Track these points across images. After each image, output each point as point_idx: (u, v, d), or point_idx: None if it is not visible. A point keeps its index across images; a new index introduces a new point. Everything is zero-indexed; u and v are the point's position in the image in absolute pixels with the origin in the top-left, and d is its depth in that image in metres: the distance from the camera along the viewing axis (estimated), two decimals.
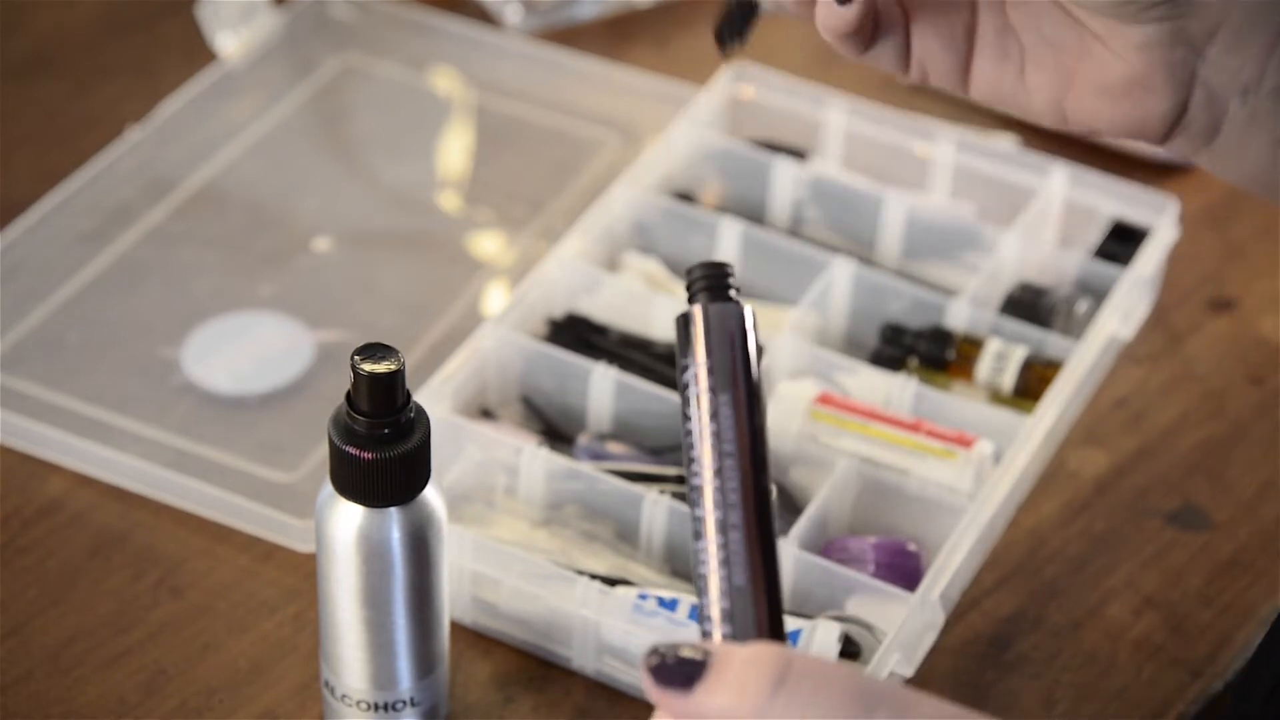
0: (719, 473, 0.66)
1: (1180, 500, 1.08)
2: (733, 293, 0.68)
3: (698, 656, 0.63)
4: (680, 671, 0.63)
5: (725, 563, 0.66)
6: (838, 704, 0.61)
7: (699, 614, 0.67)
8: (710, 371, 0.67)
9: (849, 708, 0.61)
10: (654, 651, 0.64)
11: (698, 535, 0.67)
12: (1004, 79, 0.81)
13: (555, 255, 1.12)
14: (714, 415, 0.67)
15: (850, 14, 0.78)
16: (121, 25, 1.34)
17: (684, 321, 0.68)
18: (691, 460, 0.67)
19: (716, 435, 0.66)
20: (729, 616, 0.66)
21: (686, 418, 0.67)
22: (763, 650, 0.63)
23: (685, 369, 0.68)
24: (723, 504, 0.66)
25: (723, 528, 0.66)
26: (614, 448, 1.05)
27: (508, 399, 1.08)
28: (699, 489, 0.67)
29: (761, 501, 0.66)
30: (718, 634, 0.66)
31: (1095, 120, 0.81)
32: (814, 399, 1.05)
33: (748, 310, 0.68)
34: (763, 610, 0.66)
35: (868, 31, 0.80)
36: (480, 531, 0.99)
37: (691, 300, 0.69)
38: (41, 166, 1.22)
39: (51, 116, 1.27)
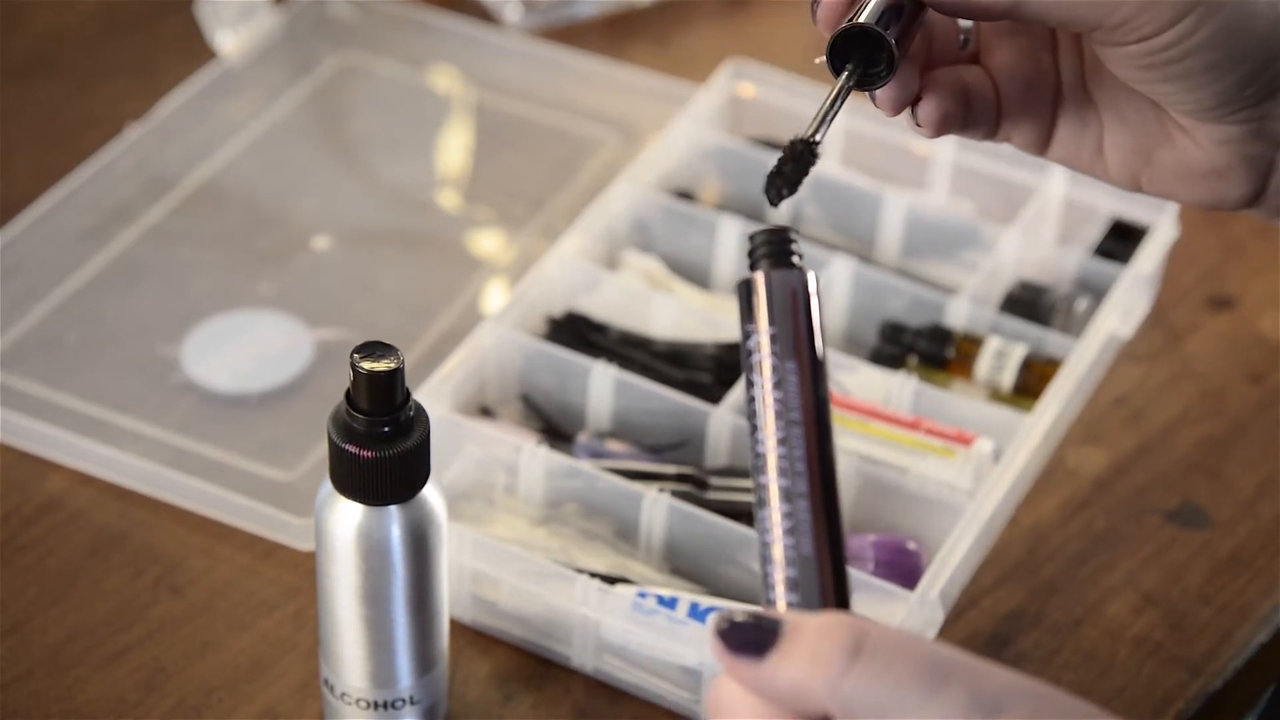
0: (784, 441, 0.65)
1: (1180, 498, 1.08)
2: (796, 259, 0.67)
3: (769, 624, 0.62)
4: (752, 638, 0.62)
5: (791, 531, 0.65)
6: (913, 675, 0.61)
7: (762, 582, 0.66)
8: (773, 339, 0.66)
9: (924, 679, 0.61)
10: (724, 617, 0.63)
11: (761, 503, 0.65)
12: (1083, 150, 0.82)
13: (555, 253, 1.12)
14: (778, 383, 0.65)
15: (940, 108, 0.79)
16: (121, 25, 1.34)
17: (746, 288, 0.67)
18: (755, 428, 0.65)
19: (782, 403, 0.65)
20: (794, 585, 0.65)
21: (750, 384, 0.66)
22: (837, 619, 0.62)
23: (748, 336, 0.66)
24: (789, 472, 0.65)
25: (788, 496, 0.65)
26: (613, 446, 1.05)
27: (507, 397, 1.08)
28: (763, 456, 0.65)
29: (827, 470, 0.65)
30: (782, 603, 0.65)
31: (1171, 195, 0.81)
32: None
33: (811, 276, 0.67)
34: (829, 579, 0.65)
35: (961, 114, 0.80)
36: (480, 530, 0.99)
37: (753, 267, 0.67)
38: (41, 166, 1.22)
39: (51, 116, 1.27)
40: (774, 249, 0.67)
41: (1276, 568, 1.04)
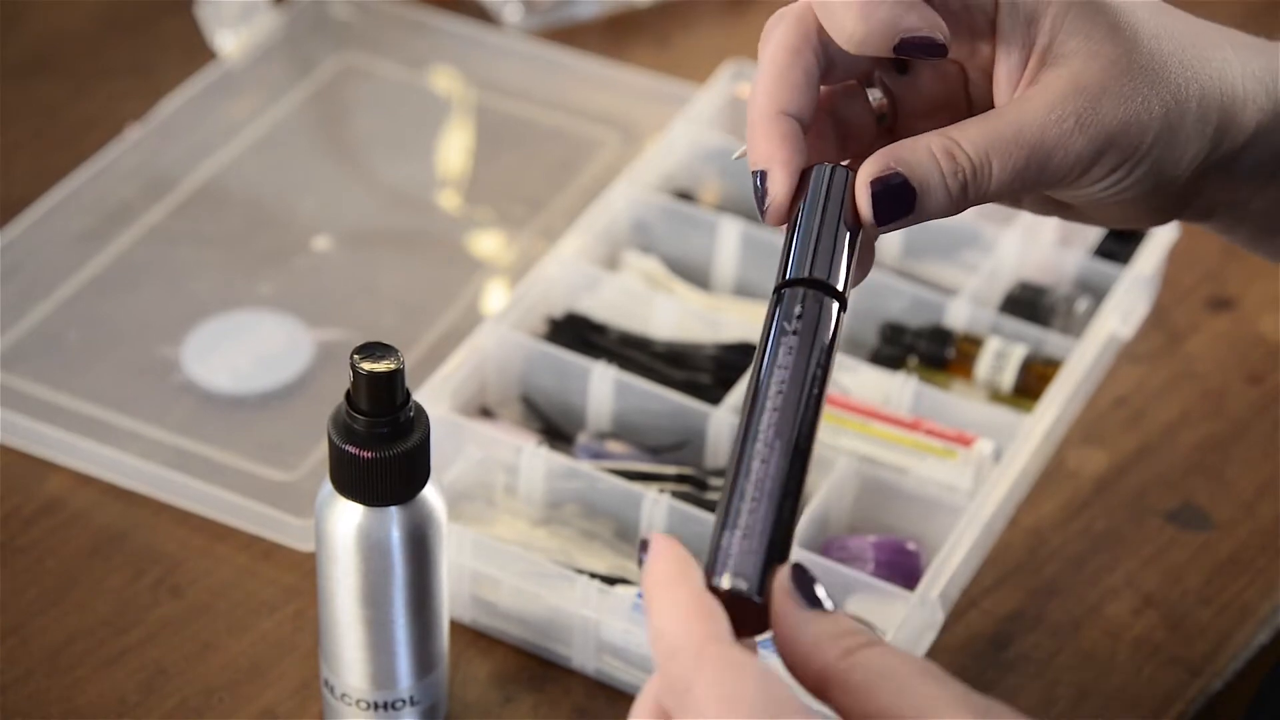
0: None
1: (1180, 499, 1.08)
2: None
3: (832, 599, 0.66)
4: (813, 592, 0.66)
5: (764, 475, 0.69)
6: (920, 667, 0.63)
7: (729, 491, 0.69)
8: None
9: (929, 670, 0.63)
10: (802, 564, 0.67)
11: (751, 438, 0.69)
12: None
13: (555, 254, 1.12)
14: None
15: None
16: (121, 25, 1.34)
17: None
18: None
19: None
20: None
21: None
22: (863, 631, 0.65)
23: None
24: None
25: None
26: (613, 447, 1.05)
27: (507, 398, 1.08)
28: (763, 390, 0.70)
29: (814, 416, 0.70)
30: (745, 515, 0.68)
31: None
32: None
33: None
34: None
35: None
36: (480, 530, 1.00)
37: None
38: (41, 166, 1.22)
39: (51, 116, 1.27)
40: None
41: (1276, 569, 1.04)
